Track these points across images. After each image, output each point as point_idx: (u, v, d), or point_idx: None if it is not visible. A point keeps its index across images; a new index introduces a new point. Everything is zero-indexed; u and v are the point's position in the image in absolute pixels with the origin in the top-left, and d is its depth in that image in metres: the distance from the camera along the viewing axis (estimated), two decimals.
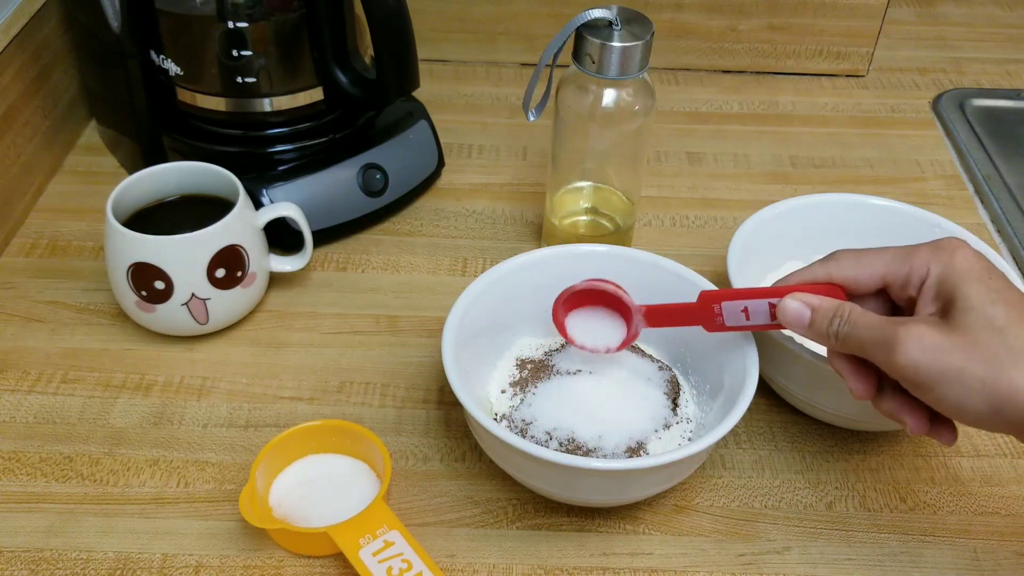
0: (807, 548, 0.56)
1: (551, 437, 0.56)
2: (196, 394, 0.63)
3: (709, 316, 0.54)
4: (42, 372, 0.64)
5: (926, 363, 0.44)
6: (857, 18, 0.94)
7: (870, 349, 0.46)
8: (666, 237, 0.78)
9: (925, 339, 0.44)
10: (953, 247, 0.48)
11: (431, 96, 0.88)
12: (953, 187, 0.84)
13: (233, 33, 0.68)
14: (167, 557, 0.54)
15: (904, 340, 0.44)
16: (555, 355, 0.61)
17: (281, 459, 0.57)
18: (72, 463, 0.59)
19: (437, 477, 0.59)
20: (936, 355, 0.44)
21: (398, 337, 0.68)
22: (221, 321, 0.66)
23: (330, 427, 0.58)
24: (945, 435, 0.48)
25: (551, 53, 0.63)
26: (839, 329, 0.48)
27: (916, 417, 0.48)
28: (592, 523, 0.57)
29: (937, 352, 0.44)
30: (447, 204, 0.80)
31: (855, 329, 0.47)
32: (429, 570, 0.50)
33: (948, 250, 0.48)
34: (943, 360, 0.44)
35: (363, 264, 0.74)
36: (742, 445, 0.62)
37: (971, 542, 0.56)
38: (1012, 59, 1.02)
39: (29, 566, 0.53)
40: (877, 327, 0.46)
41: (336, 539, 0.51)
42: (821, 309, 0.49)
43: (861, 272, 0.51)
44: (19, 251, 0.74)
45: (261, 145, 0.74)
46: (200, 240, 0.61)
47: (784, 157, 0.87)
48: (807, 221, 0.68)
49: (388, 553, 0.51)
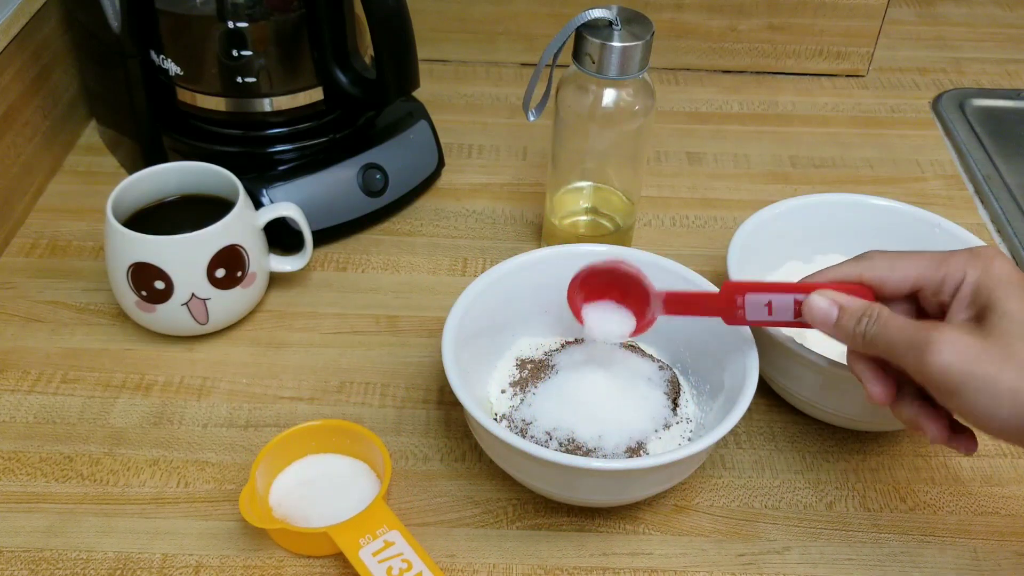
0: (807, 548, 0.56)
1: (551, 437, 0.56)
2: (196, 394, 0.63)
3: (730, 307, 0.53)
4: (42, 372, 0.64)
5: (958, 367, 0.43)
6: (857, 18, 0.94)
7: (899, 351, 0.45)
8: (666, 237, 0.78)
9: (958, 343, 0.43)
10: (990, 255, 0.47)
11: (431, 96, 0.88)
12: (953, 187, 0.84)
13: (233, 33, 0.68)
14: (167, 557, 0.54)
15: (937, 344, 0.43)
16: (555, 355, 0.61)
17: (281, 459, 0.57)
18: (72, 463, 0.59)
19: (437, 477, 0.59)
20: (968, 360, 0.43)
21: (398, 337, 0.68)
22: (221, 321, 0.66)
23: (330, 427, 0.58)
24: (965, 444, 0.48)
25: (551, 53, 0.63)
26: (867, 329, 0.47)
27: (937, 425, 0.47)
28: (592, 523, 0.57)
29: (970, 357, 0.43)
30: (447, 204, 0.80)
31: (884, 330, 0.46)
32: (429, 570, 0.50)
33: (985, 257, 0.47)
34: (975, 366, 0.43)
35: (363, 264, 0.74)
36: (742, 445, 0.62)
37: (971, 542, 0.56)
38: (1012, 59, 1.02)
39: (29, 566, 0.53)
40: (908, 329, 0.45)
41: (336, 539, 0.51)
42: (849, 308, 0.48)
43: (894, 274, 0.50)
44: (19, 251, 0.74)
45: (261, 145, 0.74)
46: (200, 240, 0.61)
47: (784, 157, 0.87)
48: (807, 221, 0.68)
49: (388, 553, 0.51)
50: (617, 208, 0.72)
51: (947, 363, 0.43)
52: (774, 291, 0.52)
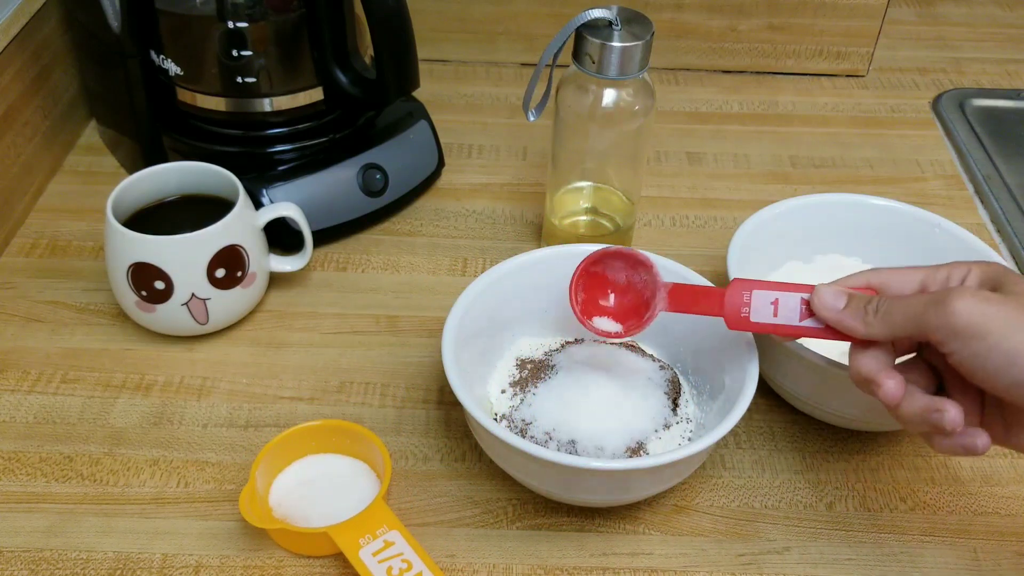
0: (807, 548, 0.56)
1: (551, 437, 0.56)
2: (196, 394, 0.63)
3: (735, 304, 0.53)
4: (42, 372, 0.64)
5: (979, 310, 0.44)
6: (857, 18, 0.94)
7: (918, 312, 0.46)
8: (666, 237, 0.78)
9: (978, 295, 0.44)
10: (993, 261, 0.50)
11: (431, 96, 0.88)
12: (953, 187, 0.84)
13: (233, 33, 0.68)
14: (167, 557, 0.54)
15: (958, 295, 0.44)
16: (555, 355, 0.61)
17: (281, 459, 0.57)
18: (72, 463, 0.59)
19: (437, 477, 0.59)
20: (989, 305, 0.44)
21: (398, 337, 0.68)
22: (221, 321, 0.66)
23: (330, 427, 0.58)
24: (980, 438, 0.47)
25: (551, 53, 0.63)
26: (879, 306, 0.48)
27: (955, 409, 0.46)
28: (592, 523, 0.57)
29: (991, 303, 0.44)
30: (447, 204, 0.80)
31: (895, 305, 0.47)
32: (429, 570, 0.50)
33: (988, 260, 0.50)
34: (996, 309, 0.44)
35: (363, 264, 0.74)
36: (742, 445, 0.62)
37: (971, 542, 0.56)
38: (1012, 59, 1.02)
39: (29, 566, 0.53)
40: (919, 298, 0.47)
41: (336, 539, 0.51)
42: (858, 295, 0.49)
43: (900, 278, 0.50)
44: (19, 251, 0.74)
45: (261, 145, 0.74)
46: (200, 240, 0.61)
47: (784, 157, 0.87)
48: (807, 221, 0.68)
49: (388, 553, 0.51)
50: (617, 208, 0.72)
51: (968, 306, 0.44)
52: (781, 289, 0.52)
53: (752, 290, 0.52)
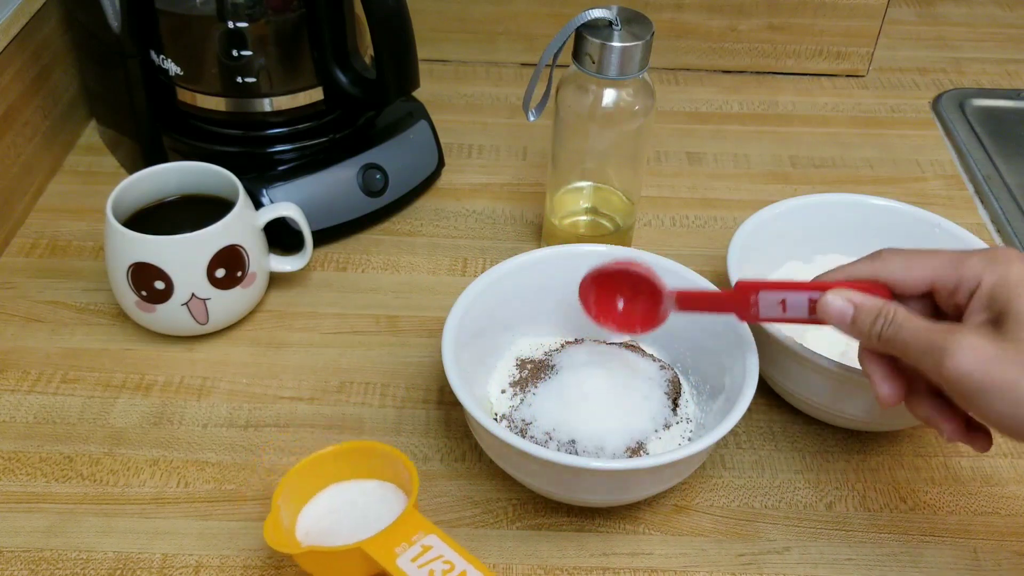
0: (807, 548, 0.56)
1: (551, 437, 0.56)
2: (196, 394, 0.63)
3: (744, 305, 0.53)
4: (42, 372, 0.64)
5: (979, 374, 0.42)
6: (857, 18, 0.94)
7: (916, 354, 0.45)
8: (666, 237, 0.78)
9: (977, 349, 0.43)
10: (1009, 259, 0.46)
11: (431, 96, 0.88)
12: (953, 187, 0.84)
13: (233, 33, 0.68)
14: (167, 557, 0.54)
15: (955, 349, 0.43)
16: (555, 355, 0.61)
17: (304, 489, 0.54)
18: (72, 463, 0.59)
19: (437, 477, 0.59)
20: (989, 366, 0.42)
21: (398, 337, 0.68)
22: (221, 321, 0.66)
23: (350, 449, 0.55)
24: (980, 442, 0.48)
25: (551, 53, 0.63)
26: (883, 330, 0.47)
27: (952, 424, 0.47)
28: (592, 523, 0.57)
29: (990, 363, 0.42)
30: (447, 204, 0.80)
31: (900, 332, 0.46)
32: (475, 568, 0.48)
33: (1003, 262, 0.46)
34: (995, 372, 0.42)
35: (363, 264, 0.74)
36: (742, 445, 0.62)
37: (971, 542, 0.56)
38: (1012, 59, 1.02)
39: (29, 566, 0.53)
40: (924, 332, 0.45)
41: (370, 552, 0.49)
42: (864, 307, 0.48)
43: (909, 275, 0.49)
44: (19, 251, 0.74)
45: (261, 145, 0.74)
46: (200, 240, 0.61)
47: (784, 157, 0.87)
48: (807, 221, 0.68)
49: (428, 557, 0.49)
50: (617, 208, 0.72)
51: (966, 369, 0.43)
52: (788, 289, 0.51)
53: (759, 292, 0.52)
